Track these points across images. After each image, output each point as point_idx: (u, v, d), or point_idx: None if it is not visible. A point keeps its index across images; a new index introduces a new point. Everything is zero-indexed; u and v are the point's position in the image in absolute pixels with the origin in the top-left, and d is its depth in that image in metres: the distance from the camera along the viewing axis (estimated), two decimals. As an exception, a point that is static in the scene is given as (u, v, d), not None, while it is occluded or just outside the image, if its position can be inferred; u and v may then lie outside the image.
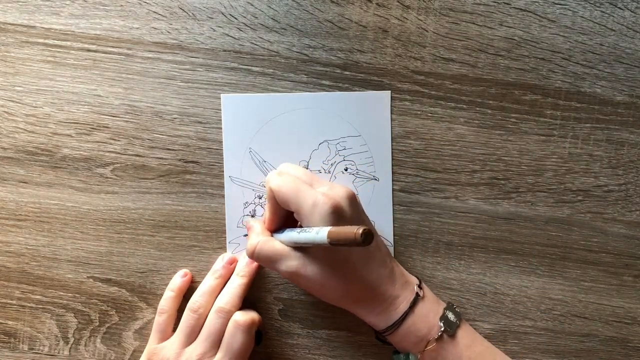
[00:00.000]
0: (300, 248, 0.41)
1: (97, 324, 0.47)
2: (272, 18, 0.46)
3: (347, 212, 0.40)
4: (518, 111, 0.47)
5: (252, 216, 0.47)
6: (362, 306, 0.42)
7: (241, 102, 0.47)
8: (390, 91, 0.47)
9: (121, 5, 0.46)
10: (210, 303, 0.45)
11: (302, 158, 0.47)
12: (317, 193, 0.39)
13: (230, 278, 0.46)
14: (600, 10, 0.46)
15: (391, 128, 0.47)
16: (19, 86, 0.47)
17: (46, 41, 0.47)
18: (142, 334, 0.47)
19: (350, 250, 0.40)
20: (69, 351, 0.47)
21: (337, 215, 0.39)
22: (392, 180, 0.47)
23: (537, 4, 0.46)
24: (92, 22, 0.47)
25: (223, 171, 0.47)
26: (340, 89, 0.47)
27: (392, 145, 0.47)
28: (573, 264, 0.47)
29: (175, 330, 0.45)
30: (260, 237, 0.42)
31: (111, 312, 0.47)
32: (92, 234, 0.47)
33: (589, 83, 0.47)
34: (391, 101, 0.47)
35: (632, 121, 0.47)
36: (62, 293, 0.47)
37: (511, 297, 0.47)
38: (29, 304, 0.47)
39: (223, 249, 0.47)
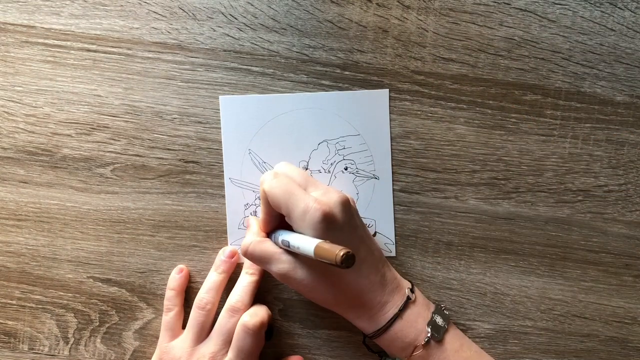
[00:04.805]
0: (291, 251, 0.41)
1: (97, 324, 0.47)
2: (272, 18, 0.46)
3: (339, 219, 0.39)
4: (518, 111, 0.47)
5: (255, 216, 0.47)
6: (351, 310, 0.42)
7: (240, 103, 0.47)
8: (388, 89, 0.47)
9: (121, 5, 0.46)
10: (217, 298, 0.45)
11: (301, 158, 0.47)
12: (309, 198, 0.39)
13: (240, 276, 0.46)
14: (600, 10, 0.46)
15: (390, 127, 0.47)
16: (19, 86, 0.47)
17: (46, 41, 0.47)
18: (142, 334, 0.47)
19: None
20: (69, 351, 0.47)
21: (328, 223, 0.38)
22: (392, 180, 0.47)
23: (537, 4, 0.46)
24: (92, 22, 0.47)
25: (223, 171, 0.47)
26: (340, 89, 0.47)
27: (392, 145, 0.47)
28: (573, 264, 0.47)
29: (184, 328, 0.45)
30: (254, 237, 0.43)
31: (111, 312, 0.47)
32: (92, 234, 0.47)
33: (589, 83, 0.47)
34: (390, 100, 0.47)
35: (632, 121, 0.47)
36: (62, 293, 0.47)
37: (511, 297, 0.47)
38: (29, 304, 0.47)
39: (223, 249, 0.47)
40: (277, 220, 0.43)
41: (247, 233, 0.44)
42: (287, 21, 0.46)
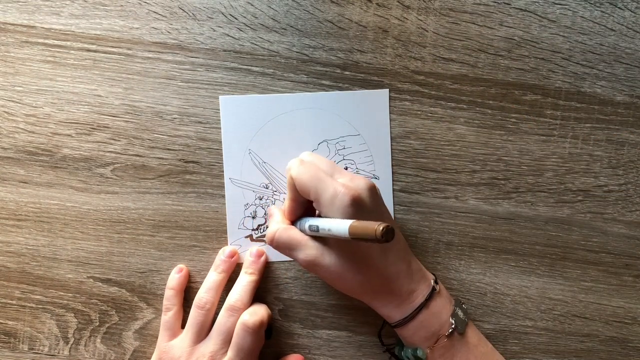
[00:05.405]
0: (319, 237, 0.41)
1: (97, 324, 0.47)
2: (272, 18, 0.46)
3: (367, 203, 0.39)
4: (518, 111, 0.47)
5: (253, 218, 0.47)
6: (378, 298, 0.42)
7: (240, 103, 0.47)
8: (388, 89, 0.47)
9: (121, 5, 0.46)
10: (216, 298, 0.45)
11: (302, 158, 0.47)
12: (337, 183, 0.39)
13: (239, 275, 0.46)
14: (600, 10, 0.46)
15: (390, 127, 0.47)
16: (19, 86, 0.47)
17: (46, 41, 0.47)
18: (142, 334, 0.47)
19: (369, 243, 0.40)
20: (69, 351, 0.47)
21: (357, 207, 0.39)
22: (392, 180, 0.47)
23: (537, 4, 0.46)
24: (92, 22, 0.47)
25: (223, 171, 0.47)
26: (341, 89, 0.47)
27: (392, 145, 0.47)
28: (573, 264, 0.47)
29: (184, 327, 0.45)
30: (279, 225, 0.43)
31: (111, 312, 0.47)
32: (92, 234, 0.47)
33: (589, 83, 0.47)
34: (390, 100, 0.47)
35: (632, 121, 0.47)
36: (62, 293, 0.47)
37: (511, 297, 0.47)
38: (29, 304, 0.47)
39: (223, 249, 0.47)
40: (302, 208, 0.43)
41: (270, 222, 0.44)
42: (287, 21, 0.46)
